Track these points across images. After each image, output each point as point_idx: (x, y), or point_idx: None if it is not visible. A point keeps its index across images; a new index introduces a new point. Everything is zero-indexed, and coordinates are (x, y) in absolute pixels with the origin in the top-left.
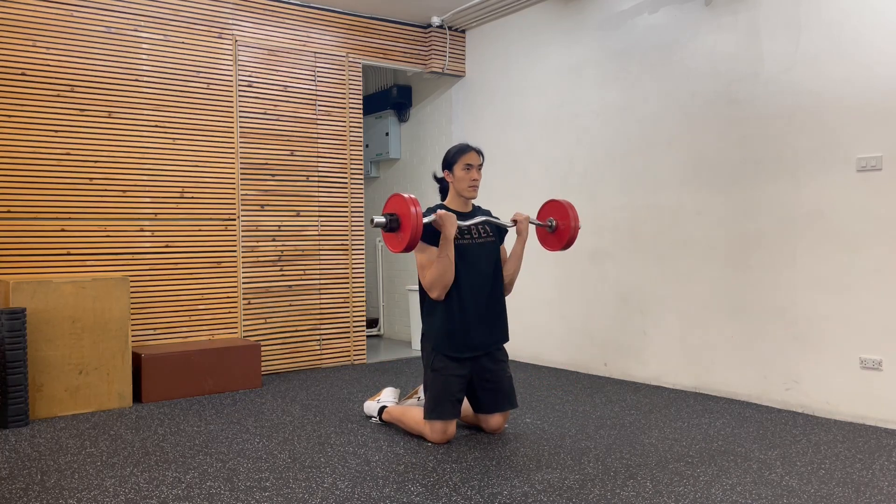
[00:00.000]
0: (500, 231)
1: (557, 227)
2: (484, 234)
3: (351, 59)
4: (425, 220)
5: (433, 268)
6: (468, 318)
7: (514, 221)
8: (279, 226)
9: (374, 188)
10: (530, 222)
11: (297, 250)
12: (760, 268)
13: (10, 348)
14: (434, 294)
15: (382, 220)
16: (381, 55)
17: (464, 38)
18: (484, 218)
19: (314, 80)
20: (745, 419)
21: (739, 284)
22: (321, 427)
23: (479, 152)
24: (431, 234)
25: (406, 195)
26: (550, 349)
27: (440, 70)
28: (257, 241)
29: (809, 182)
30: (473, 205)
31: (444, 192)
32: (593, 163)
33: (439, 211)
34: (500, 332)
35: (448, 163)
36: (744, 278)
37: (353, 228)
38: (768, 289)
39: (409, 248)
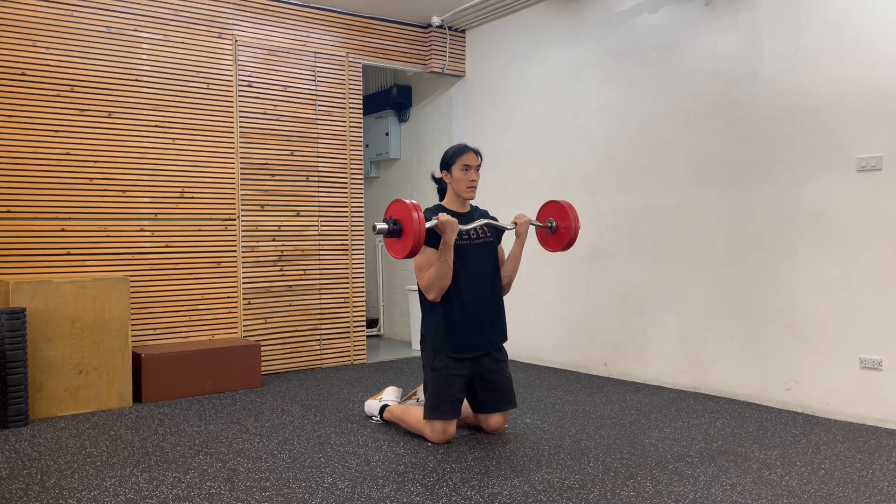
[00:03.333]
0: (498, 232)
1: (557, 228)
2: (482, 235)
3: (351, 59)
4: (427, 224)
5: (431, 270)
6: (468, 319)
7: (514, 224)
8: (279, 226)
9: (374, 188)
10: (531, 224)
11: (297, 250)
12: (760, 268)
13: (10, 348)
14: (430, 296)
15: (384, 226)
16: (381, 55)
17: (464, 38)
18: (485, 221)
19: (314, 80)
20: (745, 419)
21: (739, 284)
22: (321, 427)
23: (478, 153)
24: (431, 237)
25: (408, 201)
26: (550, 349)
27: (440, 70)
28: (257, 241)
29: (809, 182)
30: (471, 205)
31: (442, 192)
32: (593, 163)
33: (441, 215)
34: (499, 332)
35: (446, 163)
36: (744, 278)
37: (353, 228)
38: (768, 289)
39: (411, 254)
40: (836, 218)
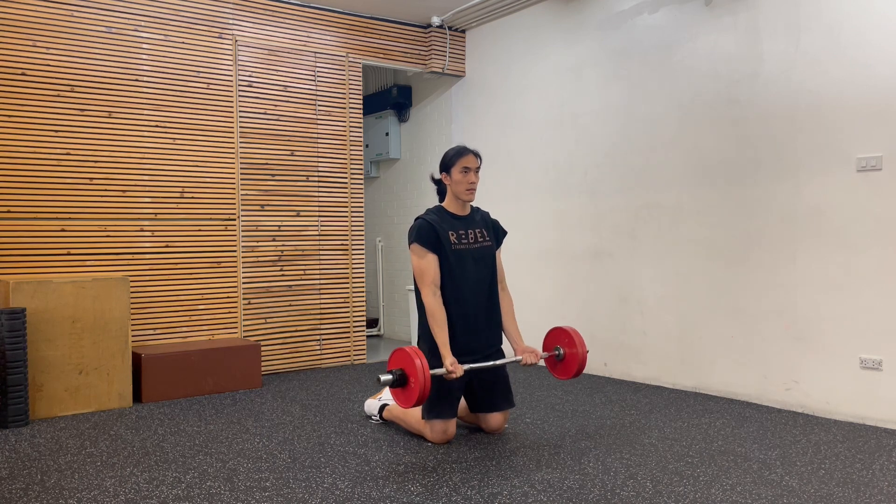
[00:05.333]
0: (497, 234)
1: (565, 356)
2: (480, 239)
3: (351, 59)
4: (433, 372)
5: (433, 312)
6: (465, 323)
7: (521, 358)
8: (279, 226)
9: (374, 188)
10: (540, 357)
11: (297, 250)
12: (760, 268)
13: (10, 348)
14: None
15: (389, 377)
16: (381, 55)
17: (464, 38)
18: (497, 362)
19: (314, 80)
20: (745, 419)
21: (739, 284)
22: (321, 427)
23: (477, 155)
24: (427, 239)
25: (409, 349)
26: None
27: (440, 70)
28: (257, 241)
29: (809, 182)
30: (471, 207)
31: (441, 194)
32: (593, 163)
33: (450, 367)
34: (496, 334)
35: (445, 165)
36: (744, 278)
37: (353, 228)
38: (768, 289)
39: (418, 403)
40: (836, 218)
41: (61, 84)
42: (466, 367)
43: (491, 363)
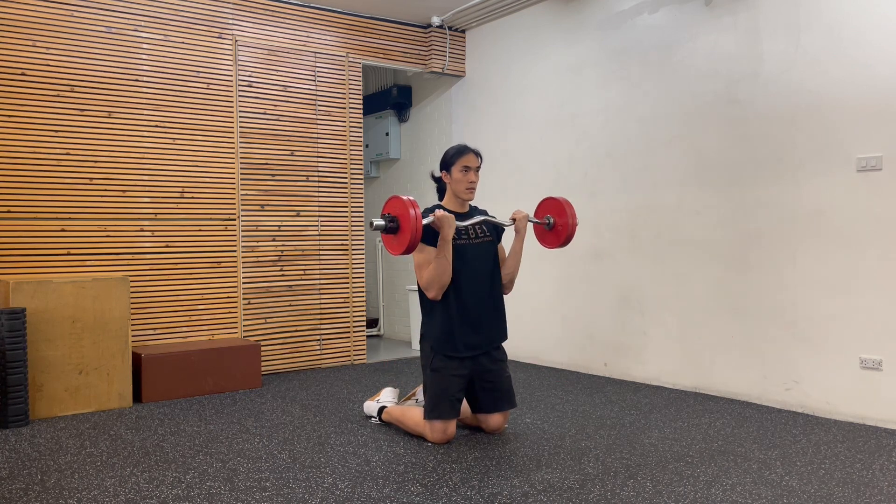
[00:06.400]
0: (498, 230)
1: (555, 225)
2: (481, 234)
3: (351, 59)
4: (424, 221)
5: (431, 268)
6: (467, 318)
7: (513, 220)
8: (279, 226)
9: (374, 188)
10: (529, 220)
11: (297, 250)
12: (760, 268)
13: (10, 348)
14: (431, 294)
15: (381, 222)
16: (381, 55)
17: (464, 38)
18: (482, 218)
19: (314, 80)
20: (745, 419)
21: (739, 284)
22: (321, 427)
23: (478, 154)
24: (429, 235)
25: (405, 197)
26: (550, 349)
27: (440, 70)
28: (257, 241)
29: (809, 182)
30: (470, 205)
31: (441, 192)
32: (593, 163)
33: (438, 212)
34: (499, 331)
35: (446, 163)
36: (744, 278)
37: (353, 228)
38: (768, 289)
39: (408, 250)
40: (836, 218)
41: (61, 84)
42: (461, 224)
43: (481, 218)
